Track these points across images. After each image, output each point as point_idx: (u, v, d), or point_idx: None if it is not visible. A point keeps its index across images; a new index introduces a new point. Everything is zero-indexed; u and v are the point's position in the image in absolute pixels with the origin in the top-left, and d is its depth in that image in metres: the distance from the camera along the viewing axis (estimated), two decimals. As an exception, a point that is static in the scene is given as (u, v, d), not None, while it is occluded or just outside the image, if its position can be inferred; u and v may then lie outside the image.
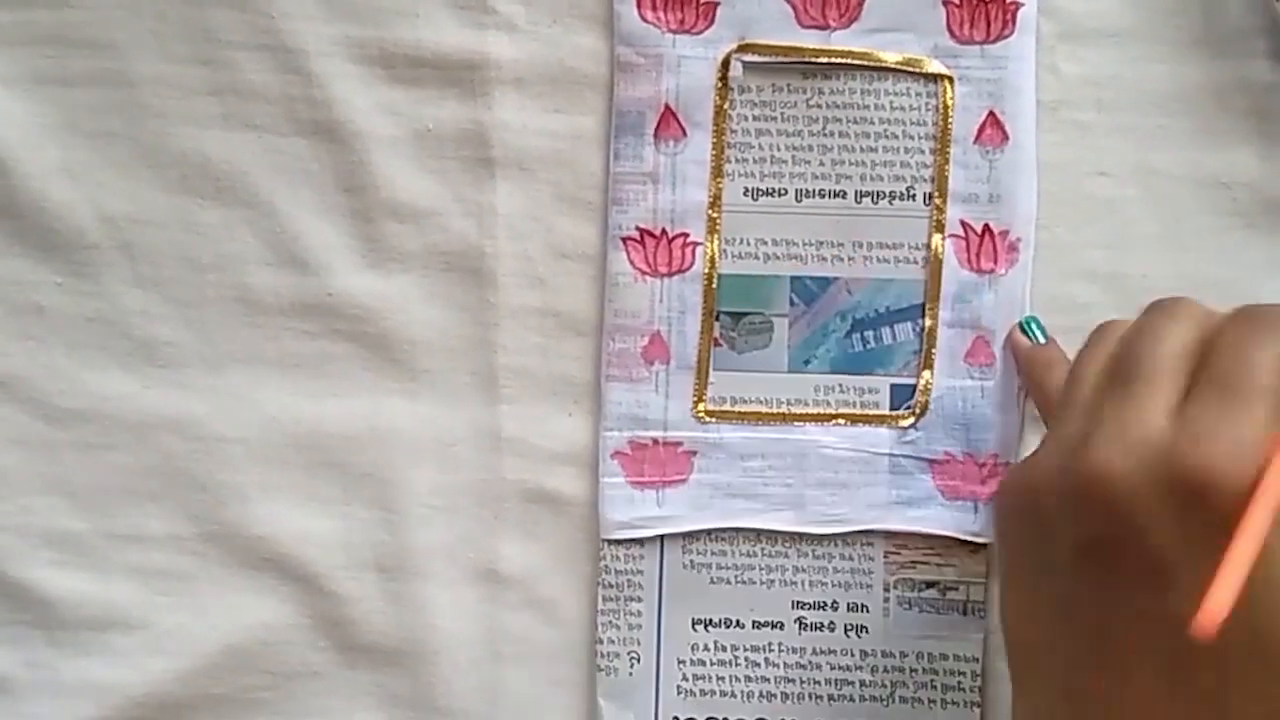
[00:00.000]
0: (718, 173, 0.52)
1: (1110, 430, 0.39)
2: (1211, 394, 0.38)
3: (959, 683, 0.53)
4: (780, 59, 0.52)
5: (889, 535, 0.53)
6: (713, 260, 0.53)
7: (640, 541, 0.53)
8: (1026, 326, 0.52)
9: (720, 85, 0.52)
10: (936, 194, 0.52)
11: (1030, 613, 0.42)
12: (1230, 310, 0.41)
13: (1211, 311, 0.41)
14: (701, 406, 0.53)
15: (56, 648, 0.53)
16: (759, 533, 0.53)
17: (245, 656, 0.53)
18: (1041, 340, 0.51)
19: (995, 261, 0.52)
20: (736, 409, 0.53)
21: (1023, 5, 0.52)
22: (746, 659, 0.54)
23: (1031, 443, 0.53)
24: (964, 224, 0.52)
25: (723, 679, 0.54)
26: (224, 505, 0.53)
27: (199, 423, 0.53)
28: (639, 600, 0.53)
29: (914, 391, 0.53)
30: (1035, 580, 0.42)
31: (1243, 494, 0.36)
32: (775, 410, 0.53)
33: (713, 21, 0.52)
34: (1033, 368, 0.51)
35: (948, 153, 0.52)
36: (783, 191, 0.52)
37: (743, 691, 0.54)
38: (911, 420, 0.53)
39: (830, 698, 0.53)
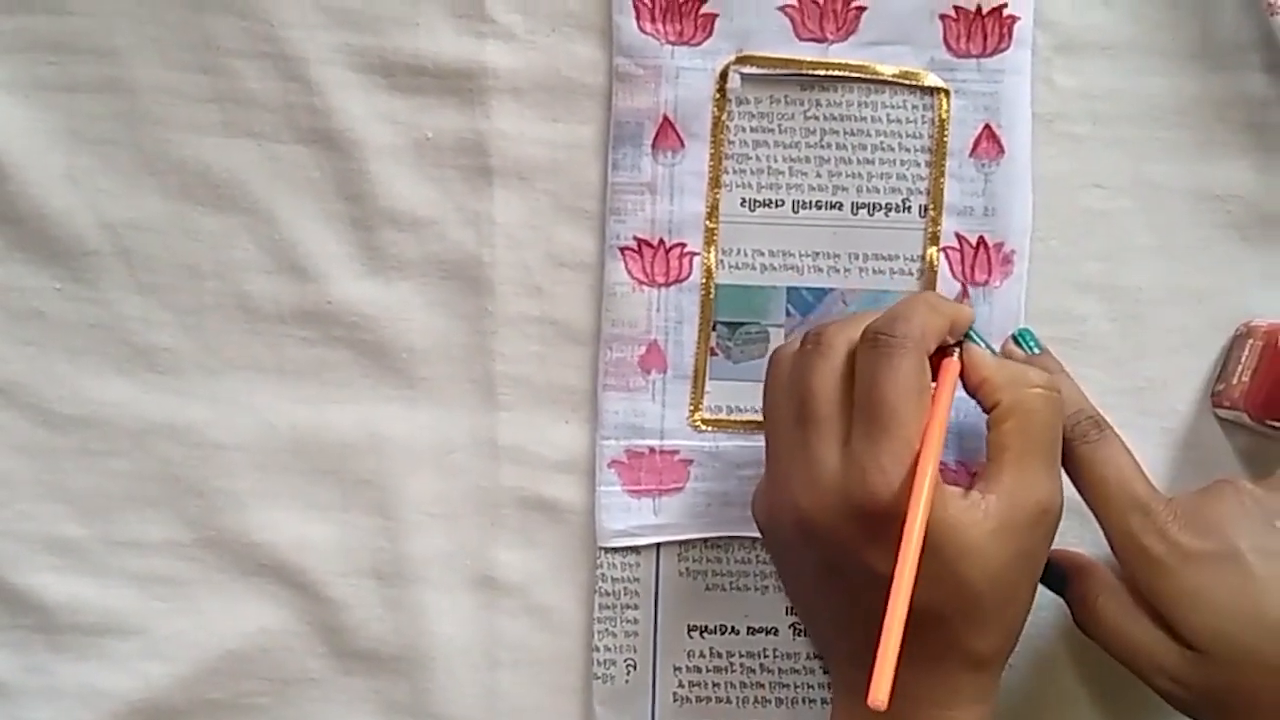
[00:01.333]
0: (715, 183, 0.53)
1: (800, 476, 0.45)
2: (861, 428, 0.44)
3: (952, 690, 0.53)
4: (778, 71, 0.52)
5: (883, 543, 0.53)
6: (710, 270, 0.53)
7: (637, 549, 0.53)
8: (1021, 339, 0.52)
9: (718, 97, 0.52)
10: (932, 206, 0.52)
11: (805, 614, 0.52)
12: (863, 328, 0.46)
13: (854, 334, 0.46)
14: (698, 415, 0.53)
15: (55, 653, 0.54)
16: (754, 540, 0.53)
17: (243, 662, 0.53)
18: (1036, 352, 0.52)
19: (990, 274, 0.52)
20: (733, 418, 0.53)
21: (1019, 19, 0.52)
22: (742, 665, 0.54)
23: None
24: (959, 236, 0.53)
25: (718, 685, 0.54)
26: (222, 511, 0.53)
27: (198, 429, 0.53)
28: (635, 608, 0.53)
29: (909, 401, 0.53)
30: (796, 590, 0.51)
31: (897, 509, 0.43)
32: (771, 419, 0.53)
33: (711, 33, 0.52)
34: None
35: (943, 165, 0.52)
36: (780, 203, 0.53)
37: (738, 697, 0.54)
38: (906, 430, 0.53)
39: (824, 701, 0.54)
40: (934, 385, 0.46)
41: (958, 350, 0.47)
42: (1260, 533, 0.46)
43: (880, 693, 0.40)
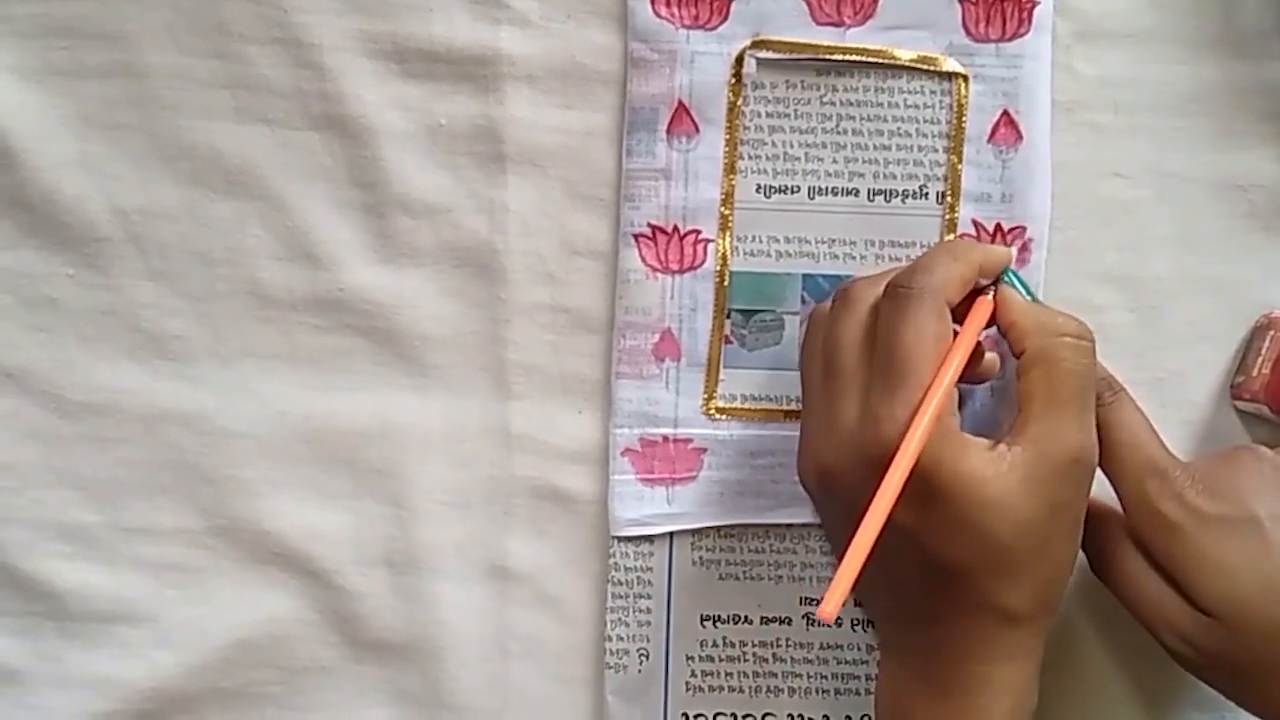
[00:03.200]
0: (730, 170, 0.52)
1: (823, 429, 0.46)
2: (878, 379, 0.44)
3: (966, 681, 0.53)
4: (794, 55, 0.52)
5: (897, 532, 0.53)
6: (724, 257, 0.52)
7: (650, 538, 0.53)
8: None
9: (734, 82, 0.52)
10: (949, 193, 0.52)
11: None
12: (885, 285, 0.46)
13: (879, 288, 0.46)
14: (712, 404, 0.53)
15: (66, 640, 0.54)
16: (767, 529, 0.53)
17: (254, 651, 0.53)
18: None
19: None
20: (747, 406, 0.53)
21: (1039, 4, 0.51)
22: (755, 654, 0.54)
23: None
24: (976, 223, 0.52)
25: (731, 675, 0.54)
26: (234, 499, 0.53)
27: (209, 416, 0.53)
28: (648, 597, 0.53)
29: (925, 391, 0.53)
30: (836, 549, 0.51)
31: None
32: (786, 407, 0.53)
33: (727, 17, 0.52)
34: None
35: (961, 151, 0.52)
36: (796, 189, 0.52)
37: (750, 687, 0.54)
38: (922, 420, 0.53)
39: (837, 692, 0.54)
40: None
41: (992, 291, 0.47)
42: (1278, 499, 0.46)
43: (828, 606, 0.39)
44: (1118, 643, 0.54)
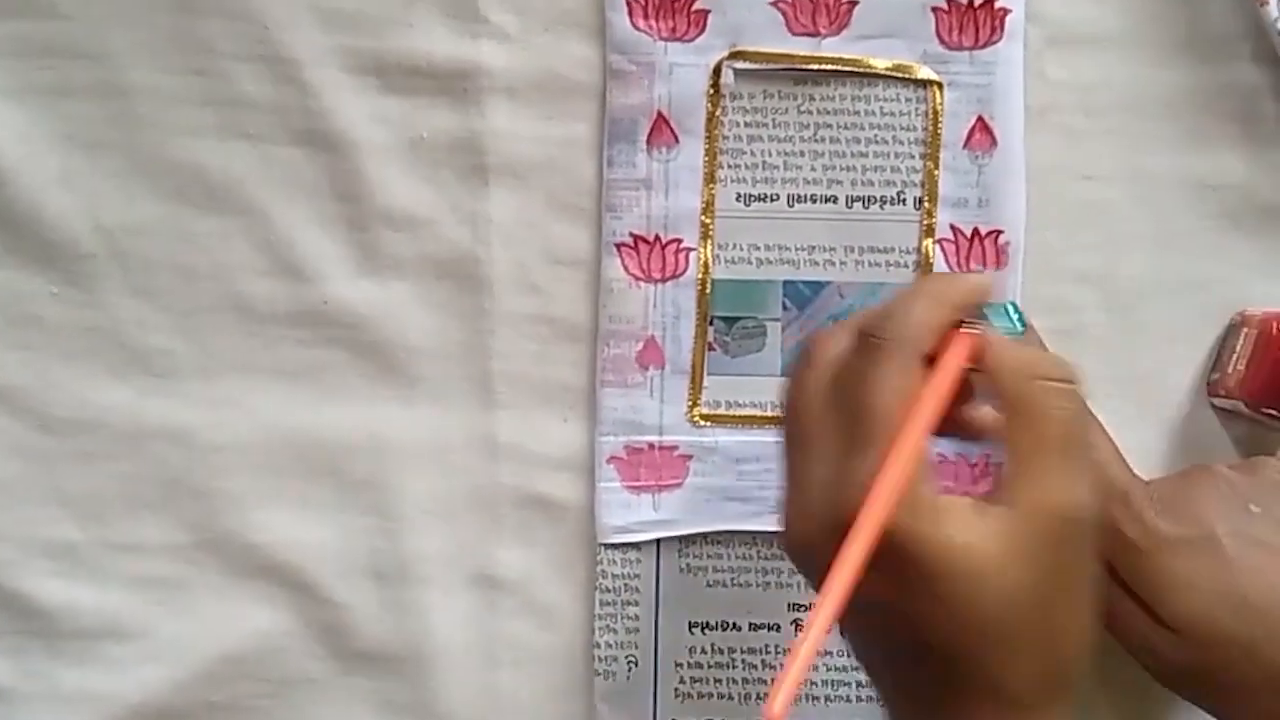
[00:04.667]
0: (710, 179, 0.53)
1: (792, 500, 0.41)
2: (845, 441, 0.39)
3: (954, 683, 0.53)
4: (771, 66, 0.52)
5: (882, 537, 0.53)
6: (706, 265, 0.53)
7: (637, 546, 0.53)
8: (1006, 312, 0.50)
9: (712, 92, 0.52)
10: (927, 198, 0.53)
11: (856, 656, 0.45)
12: (854, 332, 0.41)
13: (843, 338, 0.42)
14: (696, 410, 0.53)
15: (54, 657, 0.53)
16: (755, 535, 0.53)
17: (242, 664, 0.53)
18: (1019, 329, 0.49)
19: (985, 265, 0.53)
20: (731, 413, 0.53)
21: (1010, 11, 0.52)
22: (743, 661, 0.54)
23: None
24: (954, 228, 0.53)
25: (720, 681, 0.54)
26: (220, 513, 0.53)
27: (195, 431, 0.53)
28: (636, 604, 0.53)
29: (906, 394, 0.53)
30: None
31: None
32: (769, 413, 0.53)
33: (704, 29, 0.52)
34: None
35: (937, 157, 0.52)
36: (775, 197, 0.53)
37: (740, 694, 0.54)
38: (904, 423, 0.53)
39: (826, 699, 0.54)
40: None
41: (976, 328, 0.42)
42: (1236, 517, 0.47)
43: (776, 707, 0.34)
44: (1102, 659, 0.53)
